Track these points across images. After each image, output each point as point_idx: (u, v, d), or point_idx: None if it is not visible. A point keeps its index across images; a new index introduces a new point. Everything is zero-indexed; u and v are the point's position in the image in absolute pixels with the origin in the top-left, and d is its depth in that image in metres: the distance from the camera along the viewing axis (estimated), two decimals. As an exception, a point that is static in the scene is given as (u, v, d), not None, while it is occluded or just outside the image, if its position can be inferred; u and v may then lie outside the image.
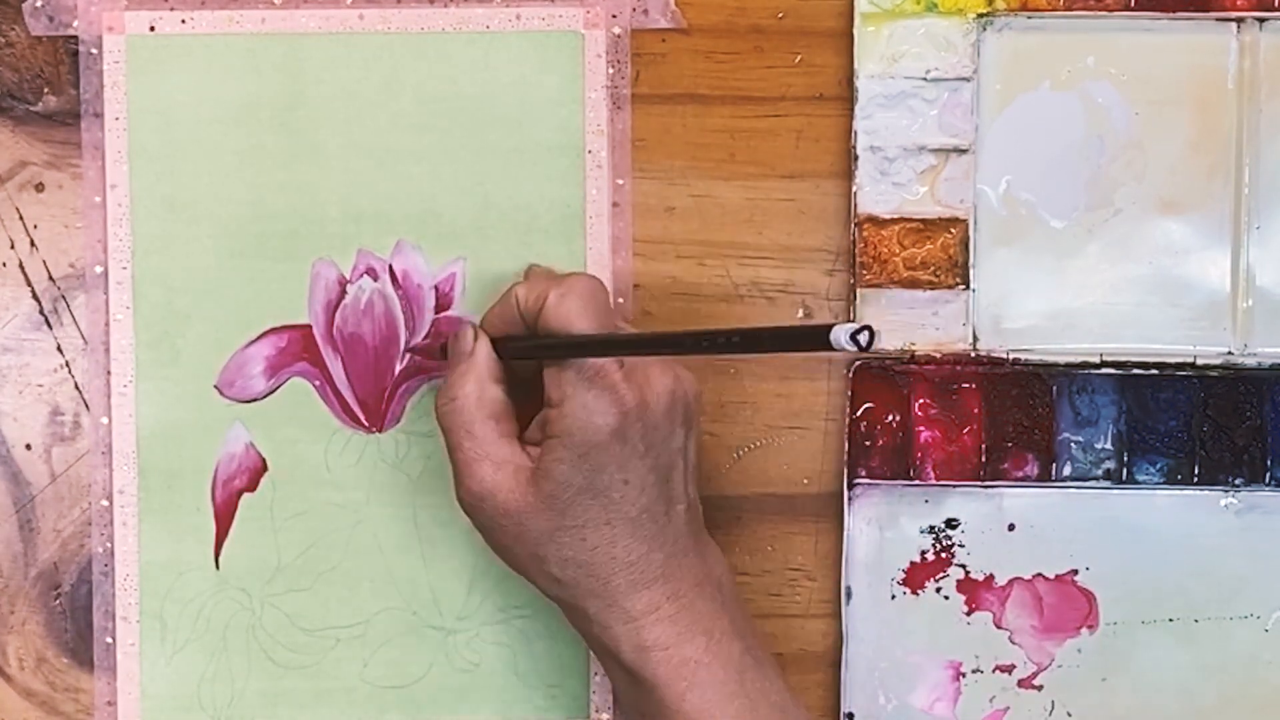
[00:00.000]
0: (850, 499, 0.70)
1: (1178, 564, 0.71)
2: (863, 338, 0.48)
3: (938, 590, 0.71)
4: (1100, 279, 0.71)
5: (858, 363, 0.70)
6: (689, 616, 0.63)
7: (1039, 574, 0.71)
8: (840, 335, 0.48)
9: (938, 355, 0.70)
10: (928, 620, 0.71)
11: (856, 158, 0.70)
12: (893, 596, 0.71)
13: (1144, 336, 0.71)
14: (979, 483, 0.71)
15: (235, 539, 0.71)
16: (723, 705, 0.62)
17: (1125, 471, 0.71)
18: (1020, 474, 0.71)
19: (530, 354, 0.64)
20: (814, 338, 0.49)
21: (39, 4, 0.70)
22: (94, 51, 0.70)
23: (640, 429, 0.61)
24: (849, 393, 0.70)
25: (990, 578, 0.71)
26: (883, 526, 0.71)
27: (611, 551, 0.62)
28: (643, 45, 0.71)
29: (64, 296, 0.71)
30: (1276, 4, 0.70)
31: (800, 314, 0.71)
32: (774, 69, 0.71)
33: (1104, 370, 0.70)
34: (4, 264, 0.71)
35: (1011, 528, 0.71)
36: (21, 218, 0.71)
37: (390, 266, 0.71)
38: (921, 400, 0.70)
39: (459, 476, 0.63)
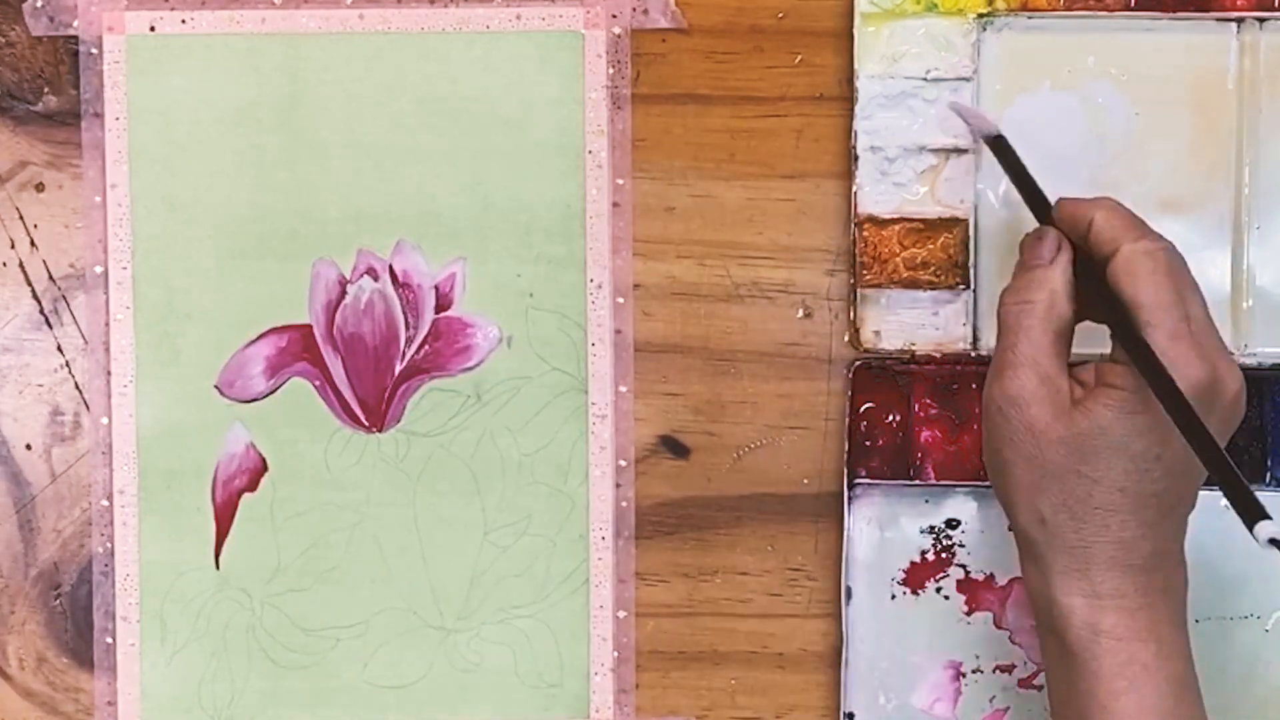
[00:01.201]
0: (850, 499, 0.70)
1: (1178, 564, 0.71)
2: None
3: (938, 590, 0.71)
4: (1100, 279, 0.70)
5: (858, 362, 0.70)
6: (1148, 617, 0.60)
7: (1039, 574, 0.71)
8: (1262, 533, 0.51)
9: (938, 355, 0.70)
10: (928, 620, 0.71)
11: (856, 158, 0.70)
12: (893, 596, 0.71)
13: (1144, 336, 0.70)
14: (979, 483, 0.71)
15: (235, 539, 0.71)
16: (1152, 716, 0.59)
17: (1125, 471, 0.70)
18: (1020, 474, 0.70)
19: (1101, 304, 0.61)
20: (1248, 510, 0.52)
21: (39, 4, 0.70)
22: (94, 51, 0.70)
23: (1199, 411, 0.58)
24: (849, 393, 0.70)
25: (990, 578, 0.71)
26: (883, 526, 0.71)
27: (1108, 520, 0.59)
28: (643, 45, 0.71)
29: (64, 296, 0.71)
30: (1276, 4, 0.70)
31: (800, 314, 0.71)
32: (774, 69, 0.71)
33: (1104, 370, 0.70)
34: (4, 264, 0.71)
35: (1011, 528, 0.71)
36: (21, 218, 0.71)
37: (390, 266, 0.71)
38: (921, 400, 0.70)
39: (999, 374, 0.60)
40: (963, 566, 0.71)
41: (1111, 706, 0.59)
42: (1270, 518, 0.51)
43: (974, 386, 0.70)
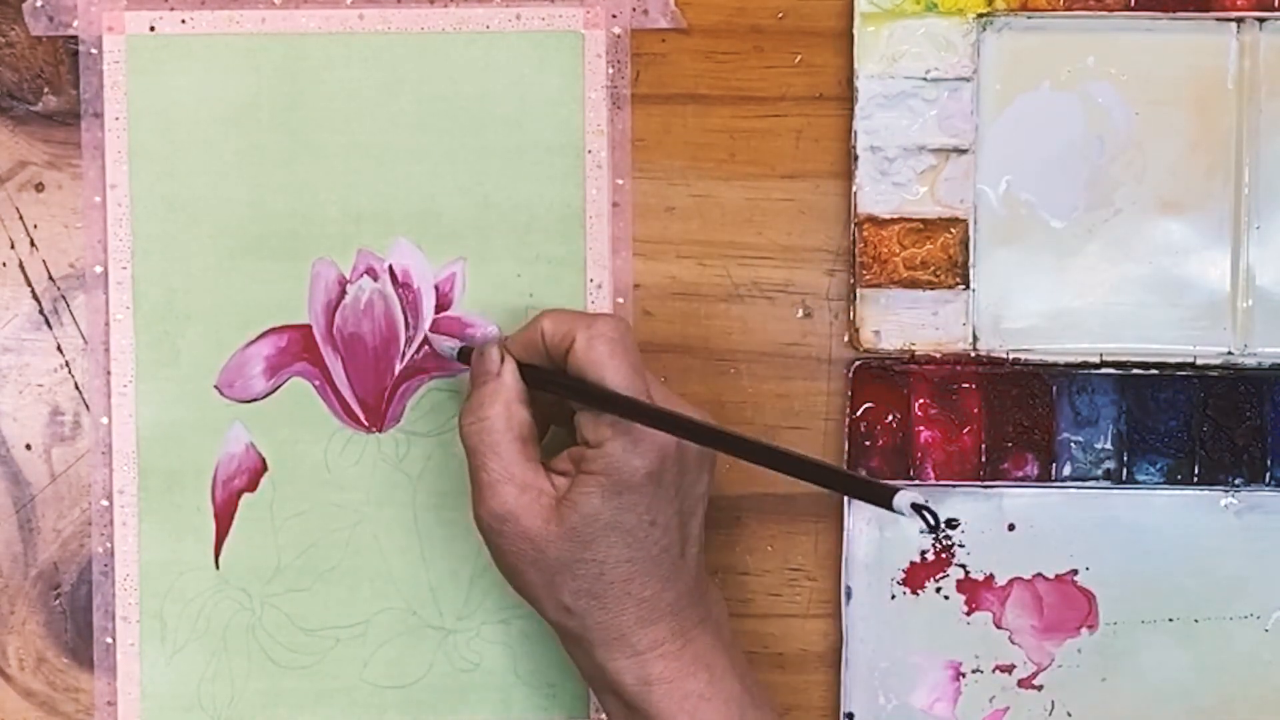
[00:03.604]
0: (850, 499, 0.70)
1: (1178, 564, 0.71)
2: (924, 514, 0.51)
3: (938, 590, 0.71)
4: (1100, 279, 0.71)
5: (858, 362, 0.70)
6: (692, 652, 0.63)
7: (1039, 574, 0.71)
8: (902, 502, 0.51)
9: (938, 355, 0.70)
10: (928, 620, 0.71)
11: (856, 158, 0.70)
12: (893, 596, 0.71)
13: (1144, 336, 0.71)
14: (979, 483, 0.71)
15: (235, 539, 0.71)
16: None
17: (1125, 471, 0.71)
18: (1020, 474, 0.71)
19: (563, 393, 0.64)
20: (877, 495, 0.52)
21: (39, 4, 0.70)
22: (94, 51, 0.70)
23: (675, 473, 0.62)
24: (849, 393, 0.70)
25: (990, 578, 0.71)
26: (883, 526, 0.71)
27: (628, 588, 0.62)
28: (643, 45, 0.71)
29: (64, 296, 0.71)
30: (1276, 4, 0.70)
31: (800, 314, 0.71)
32: (774, 69, 0.71)
33: (1104, 370, 0.70)
34: (4, 264, 0.71)
35: (1011, 528, 0.71)
36: (21, 218, 0.71)
37: (390, 266, 0.71)
38: (921, 400, 0.70)
39: (480, 496, 0.63)
40: (962, 566, 0.71)
41: None
42: (897, 489, 0.52)
43: (974, 386, 0.70)
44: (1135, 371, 0.70)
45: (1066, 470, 0.71)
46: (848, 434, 0.70)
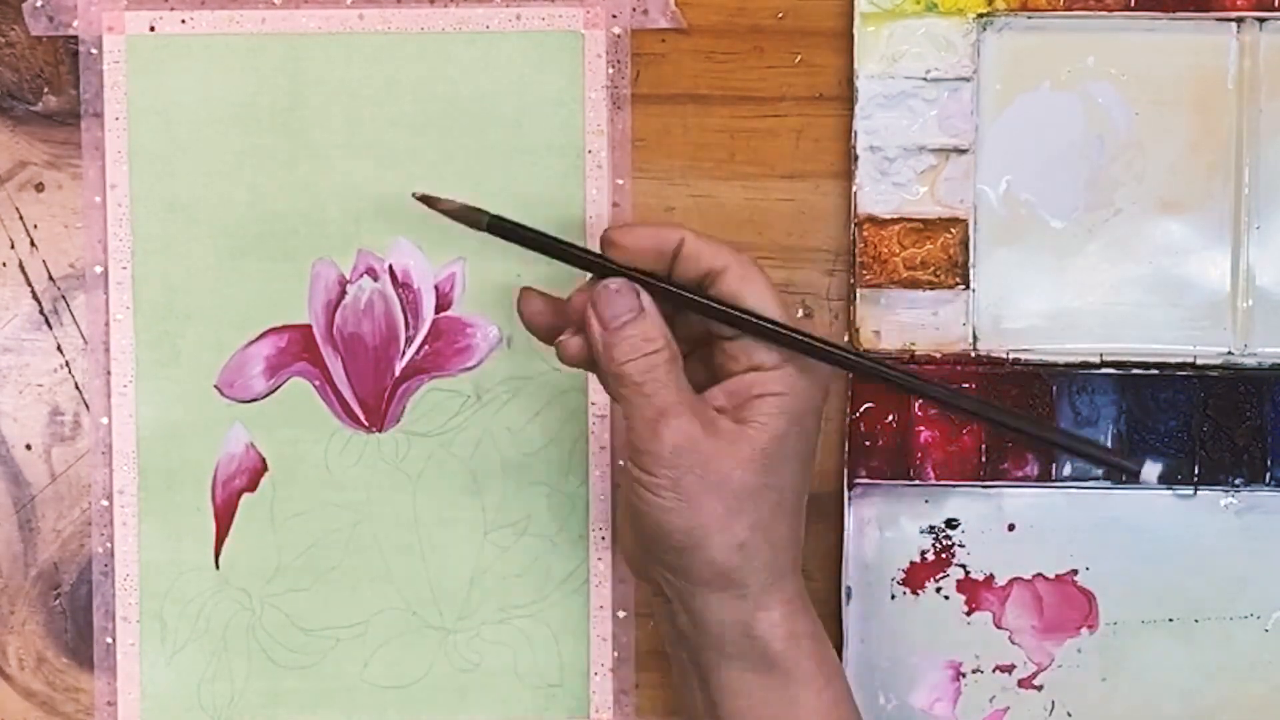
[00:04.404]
0: (850, 499, 0.70)
1: (1178, 564, 0.71)
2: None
3: (938, 590, 0.71)
4: (1100, 279, 0.71)
5: (858, 363, 0.70)
6: (813, 612, 0.62)
7: (1039, 574, 0.71)
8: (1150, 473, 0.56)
9: (938, 355, 0.70)
10: (928, 620, 0.71)
11: (856, 158, 0.70)
12: (893, 596, 0.71)
13: (1144, 336, 0.71)
14: (979, 483, 0.71)
15: (235, 539, 0.71)
16: (846, 704, 0.62)
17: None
18: (1020, 474, 0.71)
19: (717, 316, 0.61)
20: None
21: (39, 4, 0.70)
22: (94, 51, 0.70)
23: (823, 404, 0.62)
24: (849, 393, 0.70)
25: (990, 578, 0.71)
26: (883, 526, 0.71)
27: (794, 522, 0.61)
28: (643, 45, 0.71)
29: (64, 296, 0.71)
30: (1276, 4, 0.70)
31: (800, 314, 0.71)
32: (774, 69, 0.71)
33: (1104, 370, 0.70)
34: (4, 264, 0.71)
35: (1011, 528, 0.71)
36: (21, 218, 0.71)
37: (390, 266, 0.71)
38: (921, 400, 0.70)
39: (655, 432, 0.59)
40: (962, 566, 0.71)
41: (815, 704, 0.61)
42: (1136, 468, 0.57)
43: (974, 386, 0.70)
44: (1135, 371, 0.70)
45: (1066, 470, 0.71)
46: (848, 434, 0.70)
